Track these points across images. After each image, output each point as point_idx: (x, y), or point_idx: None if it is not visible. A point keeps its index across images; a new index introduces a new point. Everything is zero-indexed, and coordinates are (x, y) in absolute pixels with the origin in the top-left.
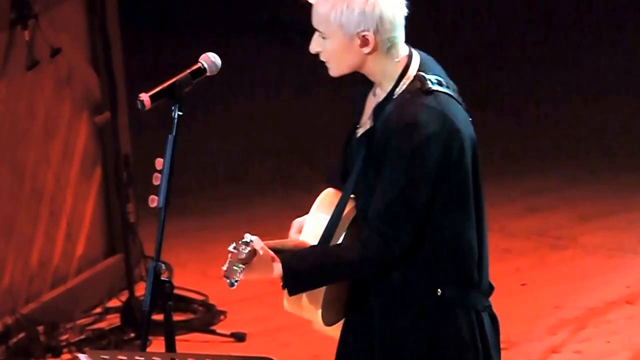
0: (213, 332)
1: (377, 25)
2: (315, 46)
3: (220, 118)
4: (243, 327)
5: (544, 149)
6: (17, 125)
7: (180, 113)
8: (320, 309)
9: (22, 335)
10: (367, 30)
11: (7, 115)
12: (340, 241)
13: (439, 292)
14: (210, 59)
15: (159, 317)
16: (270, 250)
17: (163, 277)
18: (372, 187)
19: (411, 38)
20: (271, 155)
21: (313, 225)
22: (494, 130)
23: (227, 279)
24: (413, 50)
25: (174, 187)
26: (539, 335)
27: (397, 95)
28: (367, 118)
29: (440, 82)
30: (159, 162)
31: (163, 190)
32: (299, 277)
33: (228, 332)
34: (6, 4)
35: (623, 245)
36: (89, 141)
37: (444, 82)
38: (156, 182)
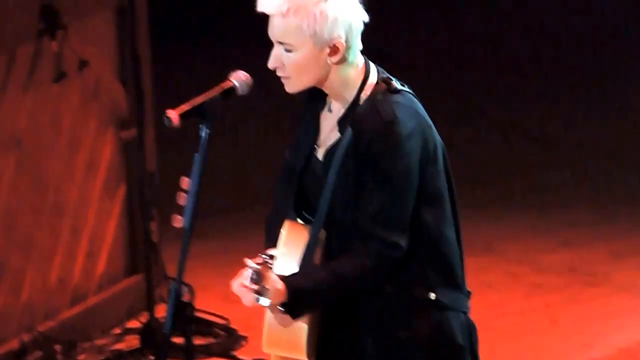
0: (234, 357)
1: (347, 31)
2: (276, 61)
3: (248, 136)
4: (265, 352)
5: (579, 182)
6: (42, 138)
7: (209, 132)
8: (305, 345)
9: (39, 354)
10: (339, 37)
11: (31, 128)
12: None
13: (432, 296)
14: (241, 77)
15: (179, 340)
16: None
17: (184, 299)
18: (353, 198)
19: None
20: None
21: (285, 262)
22: (526, 162)
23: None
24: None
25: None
26: None
27: (363, 101)
28: (328, 134)
29: (403, 83)
30: (185, 182)
31: (188, 211)
32: (304, 295)
33: (249, 358)
34: (35, 14)
35: None
36: (114, 157)
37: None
38: (181, 201)
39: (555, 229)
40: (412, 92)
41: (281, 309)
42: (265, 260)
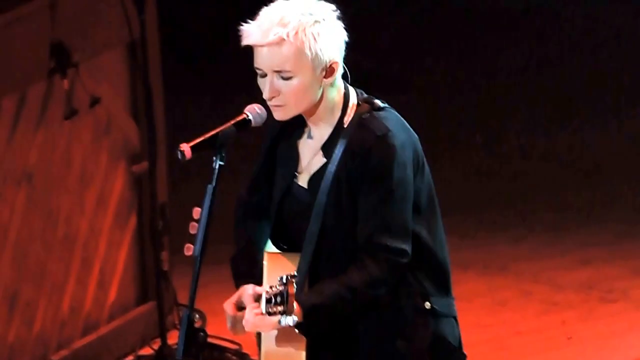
0: None
1: (340, 51)
2: (273, 91)
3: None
4: None
5: (595, 202)
6: (53, 173)
7: (221, 164)
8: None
9: None
10: (334, 58)
11: (43, 162)
12: None
13: (428, 305)
14: (256, 110)
15: None
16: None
17: (196, 325)
18: (349, 215)
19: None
20: None
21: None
22: (543, 183)
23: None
24: None
25: (210, 234)
26: None
27: (347, 123)
28: (310, 161)
29: (384, 102)
30: (197, 212)
31: (199, 240)
32: (319, 312)
33: None
34: (45, 52)
35: None
36: (125, 190)
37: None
38: (193, 231)
39: (572, 248)
40: (394, 110)
41: (296, 329)
42: (289, 278)
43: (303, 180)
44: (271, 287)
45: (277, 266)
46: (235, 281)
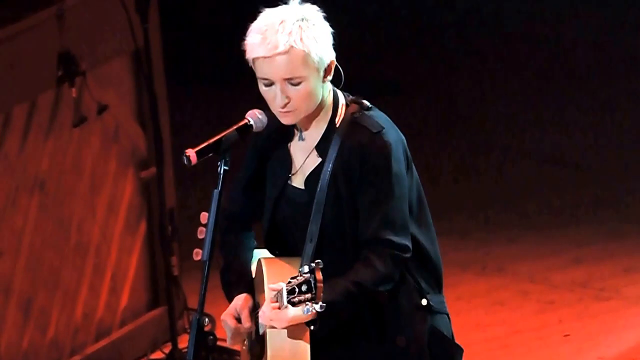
0: None
1: (334, 49)
2: (284, 98)
3: None
4: None
5: (588, 202)
6: (64, 180)
7: (226, 168)
8: None
9: None
10: (333, 57)
11: (54, 170)
12: None
13: (425, 302)
14: (257, 115)
15: None
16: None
17: (206, 329)
18: (350, 212)
19: None
20: None
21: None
22: (538, 184)
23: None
24: None
25: (218, 240)
26: None
27: (339, 123)
28: (304, 162)
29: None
30: (204, 216)
31: (207, 244)
32: (333, 308)
33: None
34: (53, 61)
35: None
36: (135, 196)
37: None
38: (201, 235)
39: (565, 247)
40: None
41: (310, 326)
42: (315, 265)
43: (298, 182)
44: (291, 279)
45: (277, 270)
46: (226, 293)
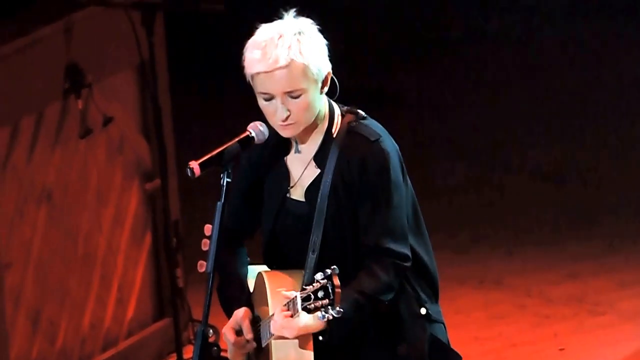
0: None
1: (329, 59)
2: (285, 112)
3: None
4: None
5: (584, 218)
6: (71, 191)
7: (228, 180)
8: None
9: None
10: (329, 68)
11: (60, 182)
12: None
13: (423, 311)
14: (258, 127)
15: None
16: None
17: (210, 340)
18: (351, 221)
19: None
20: None
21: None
22: (535, 200)
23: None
24: None
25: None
26: None
27: (336, 133)
28: (302, 174)
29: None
30: (208, 229)
31: (211, 256)
32: (342, 318)
33: None
34: (60, 74)
35: None
36: (140, 207)
37: None
38: (205, 247)
39: (561, 262)
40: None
41: (320, 337)
42: (332, 271)
43: (297, 194)
44: (305, 287)
45: (279, 283)
46: (225, 309)
